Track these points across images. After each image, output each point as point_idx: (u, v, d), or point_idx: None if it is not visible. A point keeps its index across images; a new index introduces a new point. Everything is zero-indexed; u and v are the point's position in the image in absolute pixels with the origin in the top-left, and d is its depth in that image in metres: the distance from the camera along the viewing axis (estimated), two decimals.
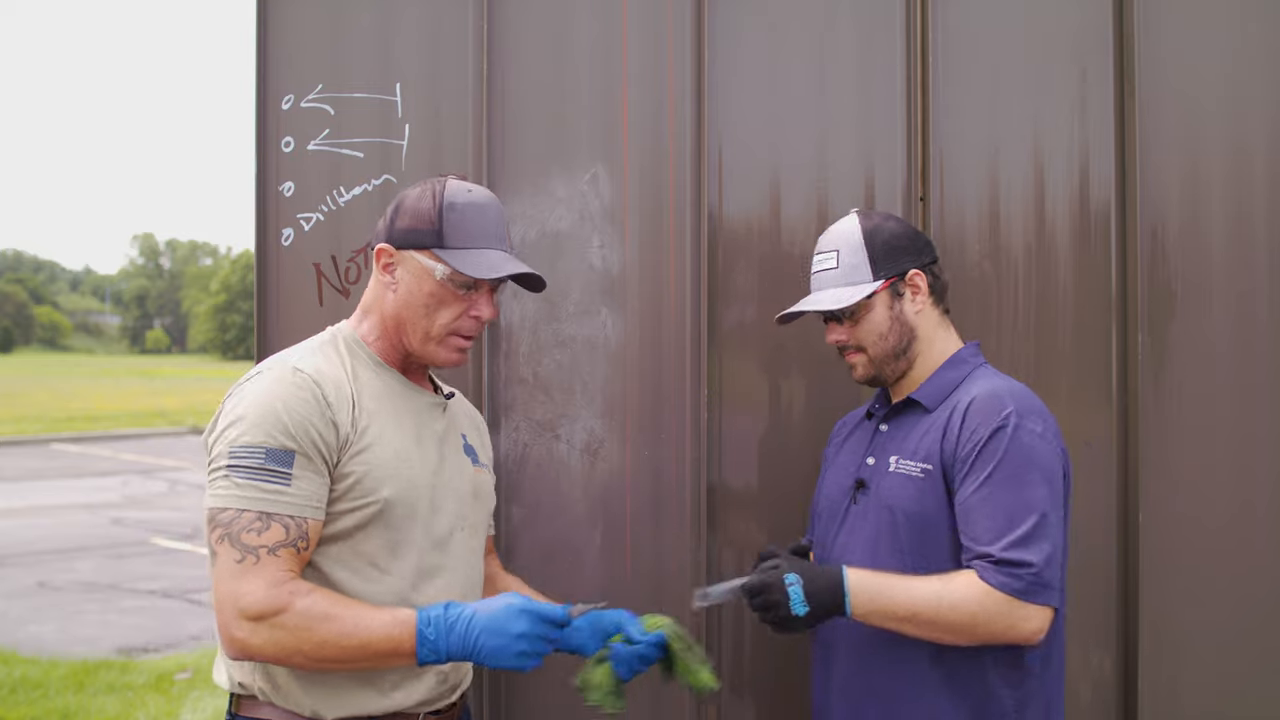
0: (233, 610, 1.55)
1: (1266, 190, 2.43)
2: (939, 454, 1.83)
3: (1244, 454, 2.41)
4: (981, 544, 1.73)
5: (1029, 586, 1.69)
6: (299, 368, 1.67)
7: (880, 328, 1.92)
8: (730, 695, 2.43)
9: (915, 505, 1.83)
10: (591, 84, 2.45)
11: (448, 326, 1.75)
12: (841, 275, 1.93)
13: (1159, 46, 2.41)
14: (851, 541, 1.92)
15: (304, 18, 2.45)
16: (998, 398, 1.81)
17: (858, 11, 2.45)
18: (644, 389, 2.43)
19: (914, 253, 1.94)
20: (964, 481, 1.78)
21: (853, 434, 2.10)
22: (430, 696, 1.75)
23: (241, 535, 1.56)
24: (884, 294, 1.92)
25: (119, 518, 10.77)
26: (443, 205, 1.72)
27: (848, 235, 1.95)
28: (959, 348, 1.98)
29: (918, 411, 1.93)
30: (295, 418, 1.61)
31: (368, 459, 1.67)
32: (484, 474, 1.92)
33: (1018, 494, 1.74)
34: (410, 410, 1.78)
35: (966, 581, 1.72)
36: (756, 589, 1.75)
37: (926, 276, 1.94)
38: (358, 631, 1.55)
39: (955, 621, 1.72)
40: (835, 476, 2.05)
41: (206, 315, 67.73)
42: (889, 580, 1.76)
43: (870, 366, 1.95)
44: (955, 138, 2.44)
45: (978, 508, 1.75)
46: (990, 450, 1.76)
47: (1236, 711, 2.41)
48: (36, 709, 5.03)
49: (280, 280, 2.44)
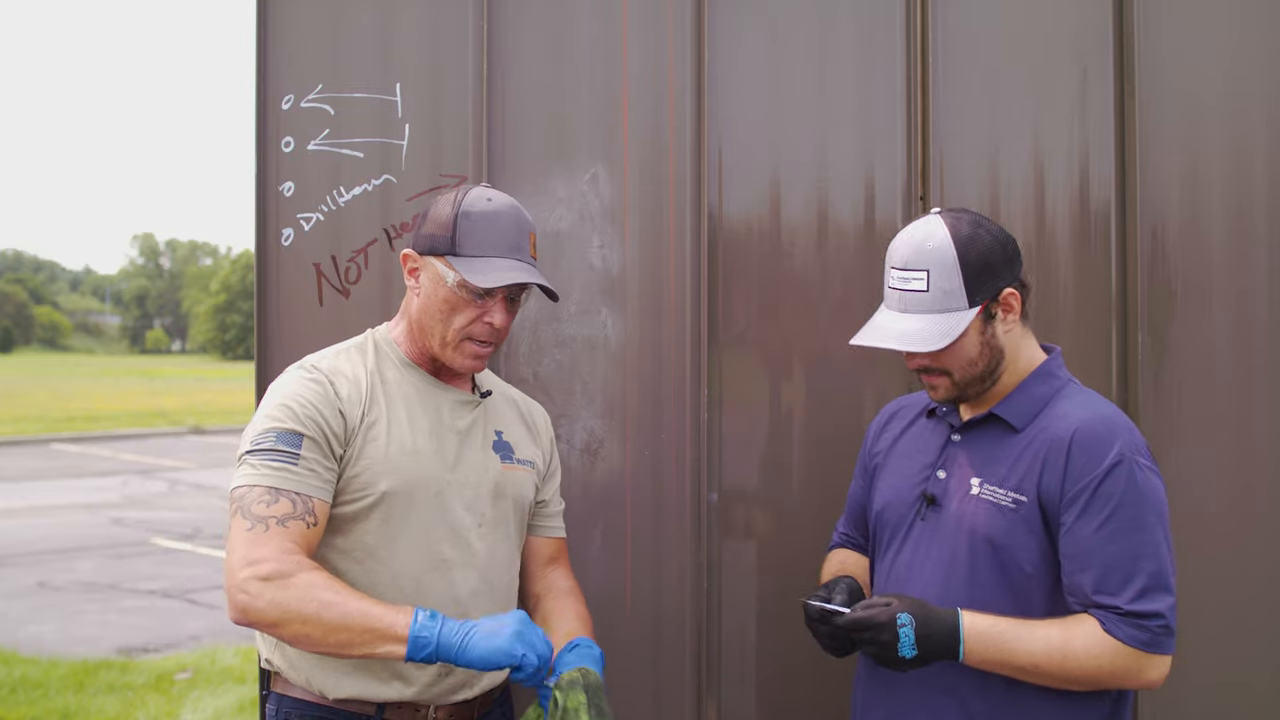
0: (242, 571, 1.59)
1: (1266, 190, 2.43)
2: (1036, 487, 1.70)
3: (1244, 453, 2.42)
4: (1106, 594, 1.64)
5: (1155, 639, 1.63)
6: (315, 365, 1.80)
7: (970, 354, 1.75)
8: (730, 692, 2.43)
9: (1005, 539, 1.71)
10: (591, 84, 2.45)
11: (462, 332, 1.79)
12: (933, 300, 1.72)
13: (1159, 46, 2.41)
14: (918, 561, 1.81)
15: (304, 18, 2.45)
16: (1107, 429, 1.70)
17: (858, 11, 2.45)
18: (644, 389, 2.43)
19: (1008, 268, 1.75)
20: (1077, 522, 1.67)
21: (910, 430, 1.95)
22: (432, 689, 1.77)
23: (253, 507, 1.64)
24: (977, 320, 1.74)
25: (119, 518, 10.77)
26: (458, 214, 1.77)
27: (940, 254, 1.72)
28: (1043, 358, 1.83)
29: (1001, 429, 1.78)
30: (303, 405, 1.72)
31: (370, 452, 1.74)
32: (517, 471, 1.91)
33: (1140, 538, 1.65)
34: (431, 406, 1.84)
35: (1090, 633, 1.64)
36: (865, 625, 1.65)
37: (1020, 293, 1.77)
38: (358, 605, 1.59)
39: (1078, 675, 1.65)
40: (895, 482, 1.90)
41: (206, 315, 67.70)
42: (1007, 629, 1.66)
43: (954, 390, 1.79)
44: (955, 138, 2.44)
45: (1097, 552, 1.65)
46: (1107, 491, 1.66)
47: (1236, 711, 2.41)
48: (36, 709, 5.03)
49: (280, 280, 2.44)
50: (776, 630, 2.41)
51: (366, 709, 1.75)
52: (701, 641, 2.41)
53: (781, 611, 2.39)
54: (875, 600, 1.69)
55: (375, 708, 1.75)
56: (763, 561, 2.43)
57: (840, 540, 2.12)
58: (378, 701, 1.75)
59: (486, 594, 1.83)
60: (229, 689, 5.35)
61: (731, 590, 2.43)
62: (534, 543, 2.00)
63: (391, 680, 1.75)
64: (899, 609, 1.65)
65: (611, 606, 2.37)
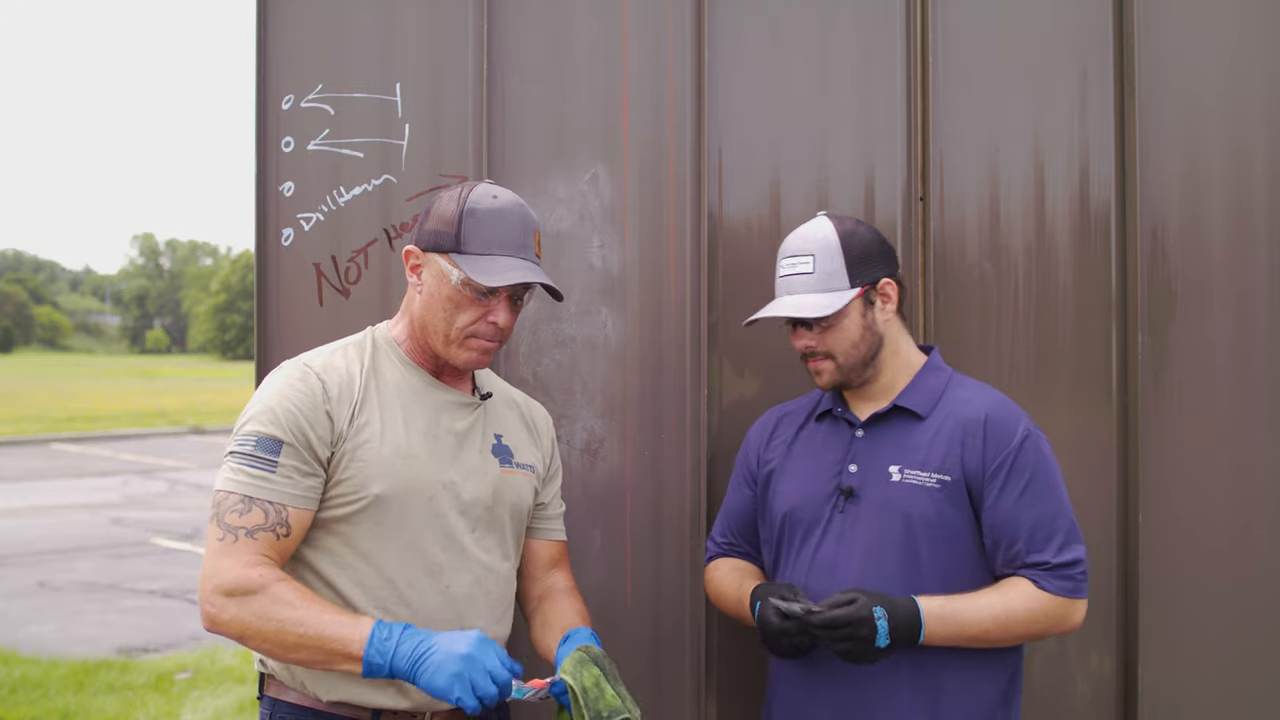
0: (207, 584, 1.63)
1: (1266, 190, 2.43)
2: (959, 466, 1.86)
3: (1244, 453, 2.41)
4: (1035, 553, 1.82)
5: (1078, 585, 1.82)
6: (307, 364, 1.77)
7: (853, 336, 1.90)
8: (730, 692, 2.43)
9: (935, 517, 1.85)
10: (591, 84, 2.45)
11: (465, 329, 1.77)
12: (817, 281, 1.90)
13: (1159, 46, 2.41)
14: (844, 552, 1.89)
15: (304, 18, 2.45)
16: (1010, 410, 1.90)
17: (858, 11, 2.45)
18: (644, 389, 2.43)
19: (885, 261, 1.94)
20: (1000, 494, 1.84)
21: (803, 433, 2.05)
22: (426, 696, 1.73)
23: (225, 516, 1.65)
24: (858, 302, 1.90)
25: (119, 518, 10.77)
26: (463, 210, 1.75)
27: (824, 240, 1.91)
28: (923, 356, 2.01)
29: (906, 419, 1.92)
30: (286, 409, 1.70)
31: (363, 455, 1.71)
32: (516, 476, 1.89)
33: (1053, 498, 1.84)
34: (428, 407, 1.81)
35: (1025, 592, 1.81)
36: (845, 621, 1.72)
37: (897, 287, 1.95)
38: (316, 623, 1.59)
39: (1019, 632, 1.82)
40: (800, 483, 1.99)
41: (206, 315, 67.72)
42: (954, 605, 1.80)
43: (838, 374, 1.93)
44: (955, 138, 2.44)
45: (1022, 518, 1.82)
46: (1022, 462, 1.84)
47: (1236, 711, 2.41)
48: (36, 709, 5.03)
49: (280, 280, 2.44)
50: None
51: (361, 714, 1.73)
52: (701, 641, 2.41)
53: None
54: (840, 598, 1.76)
55: (370, 713, 1.73)
56: None
57: (723, 550, 2.15)
58: (372, 708, 1.72)
59: (481, 598, 1.80)
60: (229, 689, 5.35)
61: None
62: (534, 545, 1.98)
63: (385, 686, 1.72)
64: (870, 602, 1.73)
65: (611, 606, 2.37)
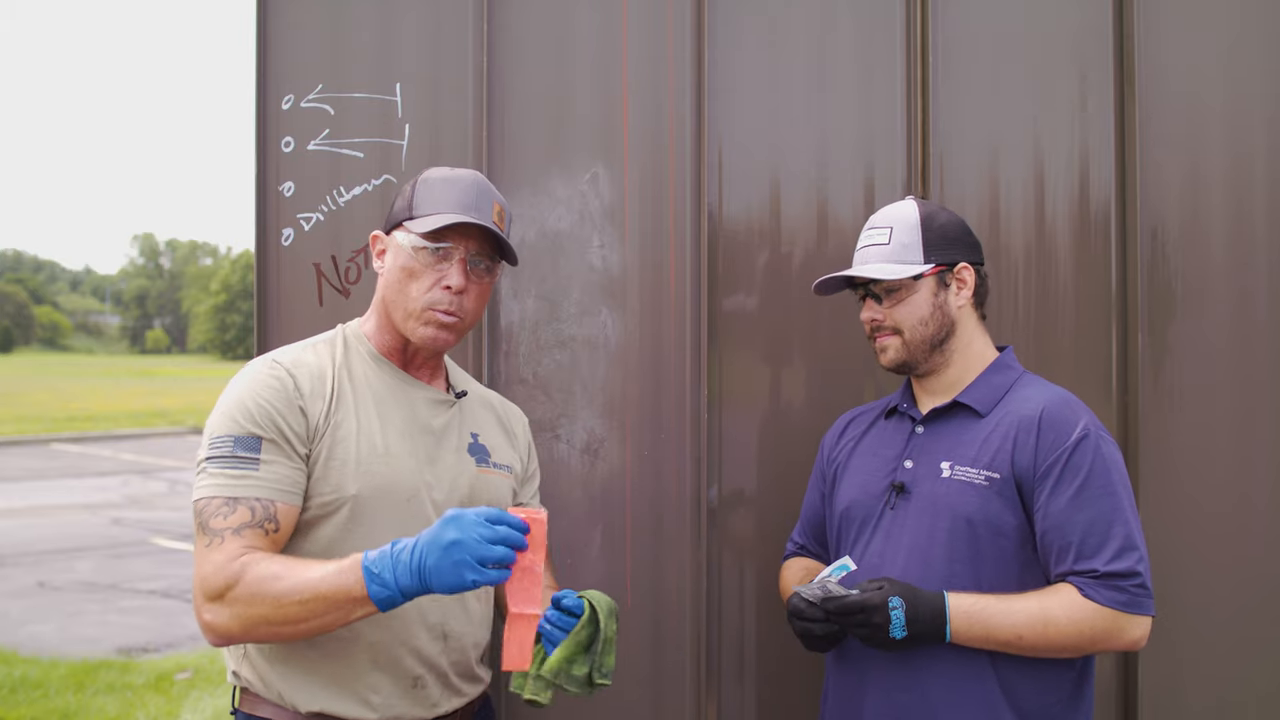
0: (198, 594, 1.57)
1: (1266, 190, 2.43)
2: (1009, 464, 1.79)
3: (1243, 453, 2.42)
4: (1084, 559, 1.72)
5: (1133, 599, 1.71)
6: (277, 360, 1.72)
7: (922, 312, 1.86)
8: (730, 692, 2.43)
9: (980, 514, 1.79)
10: (591, 84, 2.45)
11: (422, 300, 1.73)
12: (891, 252, 1.87)
13: (1159, 47, 2.42)
14: (891, 548, 1.86)
15: (304, 18, 2.45)
16: (1070, 408, 1.81)
17: (858, 11, 2.45)
18: (644, 389, 2.43)
19: (967, 247, 1.91)
20: (1051, 495, 1.75)
21: (870, 433, 2.03)
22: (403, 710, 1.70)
23: (210, 521, 1.59)
24: (931, 279, 1.87)
25: (119, 518, 10.77)
26: (417, 182, 1.78)
27: (904, 216, 1.90)
28: (997, 353, 1.95)
29: (966, 416, 1.88)
30: (260, 405, 1.64)
31: (339, 454, 1.67)
32: (493, 476, 1.85)
33: (1110, 504, 1.74)
34: (403, 404, 1.78)
35: (1069, 600, 1.71)
36: (859, 608, 1.71)
37: (975, 275, 1.91)
38: (308, 584, 1.51)
39: (1060, 642, 1.72)
40: (861, 479, 1.97)
41: (206, 315, 67.71)
42: (988, 605, 1.73)
43: (903, 351, 1.89)
44: (955, 138, 2.44)
45: (1072, 521, 1.73)
46: (1076, 463, 1.75)
47: (1236, 711, 2.41)
48: (36, 709, 5.03)
49: (280, 280, 2.44)
50: (776, 630, 2.40)
51: None
52: (701, 641, 2.41)
53: (781, 610, 2.38)
54: (868, 584, 1.76)
55: None
56: (763, 561, 2.42)
57: (795, 550, 2.16)
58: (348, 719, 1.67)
59: (461, 600, 1.76)
60: (229, 689, 5.34)
61: (731, 590, 2.43)
62: None
63: (368, 696, 1.67)
64: (890, 592, 1.72)
65: None
